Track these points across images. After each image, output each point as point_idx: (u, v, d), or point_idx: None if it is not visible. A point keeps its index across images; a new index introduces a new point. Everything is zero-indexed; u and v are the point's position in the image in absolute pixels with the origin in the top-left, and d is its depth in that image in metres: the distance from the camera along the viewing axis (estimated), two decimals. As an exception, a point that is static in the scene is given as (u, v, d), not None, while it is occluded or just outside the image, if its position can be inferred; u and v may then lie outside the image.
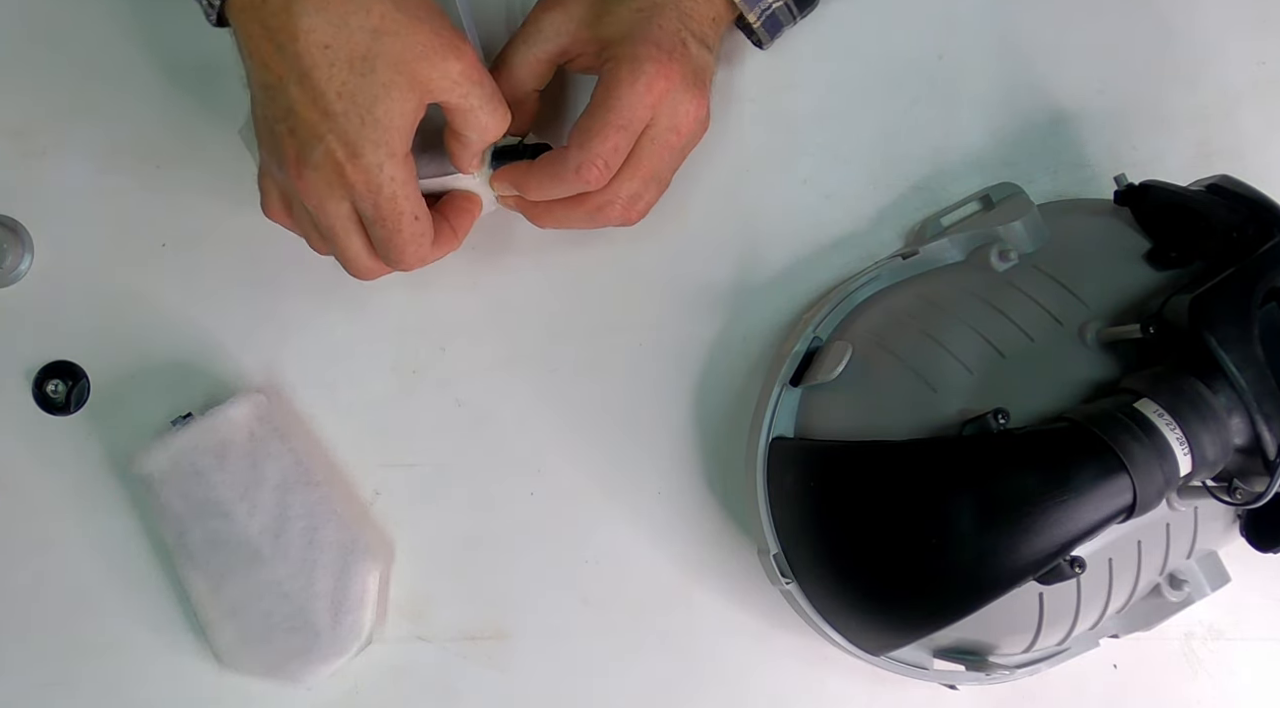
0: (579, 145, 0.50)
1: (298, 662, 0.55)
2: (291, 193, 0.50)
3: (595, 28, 0.52)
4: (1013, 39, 0.61)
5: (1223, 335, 0.46)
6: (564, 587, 0.59)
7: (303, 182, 0.48)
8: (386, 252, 0.50)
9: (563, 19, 0.52)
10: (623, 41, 0.51)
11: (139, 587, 0.58)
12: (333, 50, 0.46)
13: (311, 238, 0.52)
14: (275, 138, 0.48)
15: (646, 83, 0.50)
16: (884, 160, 0.61)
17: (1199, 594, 0.55)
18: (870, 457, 0.50)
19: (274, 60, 0.46)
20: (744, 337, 0.60)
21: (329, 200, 0.48)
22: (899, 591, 0.49)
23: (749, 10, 0.54)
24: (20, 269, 0.59)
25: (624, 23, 0.51)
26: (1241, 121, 0.62)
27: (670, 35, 0.51)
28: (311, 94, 0.46)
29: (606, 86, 0.50)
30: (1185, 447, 0.46)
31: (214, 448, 0.55)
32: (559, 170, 0.51)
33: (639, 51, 0.50)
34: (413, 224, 0.49)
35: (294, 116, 0.47)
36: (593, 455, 0.60)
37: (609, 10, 0.52)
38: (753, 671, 0.59)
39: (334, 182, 0.47)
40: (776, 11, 0.55)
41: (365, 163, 0.47)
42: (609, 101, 0.50)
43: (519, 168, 0.53)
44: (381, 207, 0.48)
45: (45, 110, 0.59)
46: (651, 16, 0.51)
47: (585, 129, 0.50)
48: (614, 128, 0.50)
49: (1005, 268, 0.54)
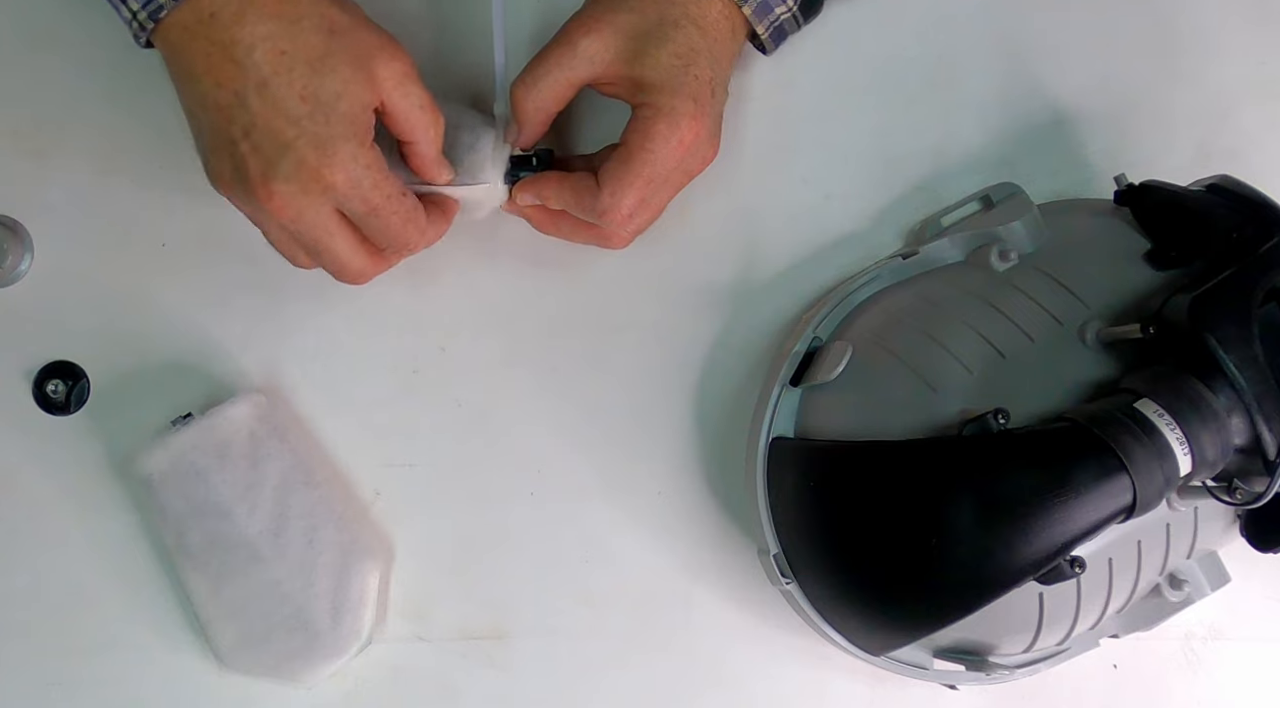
0: (611, 192, 0.51)
1: (298, 662, 0.55)
2: (262, 220, 0.49)
3: (633, 66, 0.51)
4: (1013, 39, 0.61)
5: (1223, 335, 0.46)
6: (564, 587, 0.59)
7: (275, 199, 0.46)
8: (389, 239, 0.50)
9: (600, 47, 0.51)
10: (661, 91, 0.51)
11: (139, 587, 0.58)
12: (290, 55, 0.45)
13: (299, 258, 0.51)
14: (236, 161, 0.46)
15: (679, 138, 0.51)
16: (884, 160, 0.61)
17: (1199, 594, 0.55)
18: (870, 457, 0.50)
19: (229, 75, 0.45)
20: (744, 337, 0.60)
21: (307, 209, 0.47)
22: (899, 590, 0.49)
23: (758, 23, 0.54)
24: (20, 269, 0.59)
25: (663, 69, 0.51)
26: (1241, 121, 0.62)
27: (705, 85, 0.52)
28: (273, 102, 0.45)
29: (643, 138, 0.51)
30: (1185, 447, 0.46)
31: (214, 448, 0.55)
32: (585, 202, 0.52)
33: (677, 105, 0.51)
34: (403, 201, 0.49)
35: (256, 131, 0.46)
36: (593, 455, 0.60)
37: (648, 52, 0.51)
38: (753, 671, 0.59)
39: (310, 187, 0.47)
40: (784, 22, 0.55)
41: (340, 159, 0.46)
42: (644, 155, 0.51)
43: (547, 183, 0.54)
44: (369, 196, 0.48)
45: (45, 110, 0.59)
46: (689, 65, 0.51)
47: (618, 178, 0.51)
48: (645, 181, 0.51)
49: (1005, 268, 0.54)
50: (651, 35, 0.51)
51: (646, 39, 0.51)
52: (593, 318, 0.60)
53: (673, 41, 0.51)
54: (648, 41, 0.51)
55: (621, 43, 0.51)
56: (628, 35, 0.51)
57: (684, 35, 0.51)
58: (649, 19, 0.51)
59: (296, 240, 0.50)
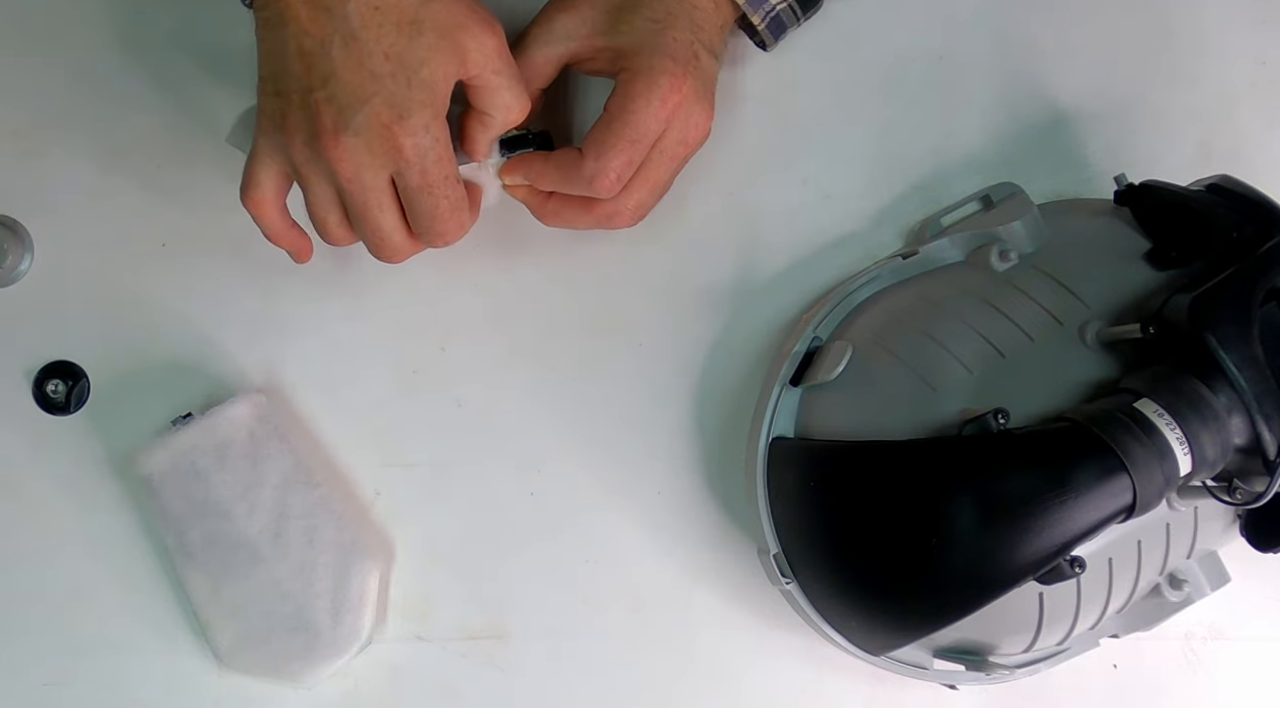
0: (594, 156, 0.51)
1: (298, 662, 0.55)
2: (313, 173, 0.48)
3: (609, 35, 0.52)
4: (1013, 39, 0.61)
5: (1223, 335, 0.46)
6: (564, 587, 0.59)
7: (339, 150, 0.46)
8: (430, 222, 0.49)
9: (576, 22, 0.52)
10: (638, 53, 0.51)
11: (139, 587, 0.58)
12: (382, 12, 0.45)
13: (330, 222, 0.50)
14: (309, 109, 0.46)
15: (661, 97, 0.50)
16: (884, 160, 0.61)
17: (1199, 594, 0.55)
18: (870, 457, 0.50)
19: (317, 24, 0.45)
20: (744, 337, 0.60)
21: (367, 169, 0.47)
22: (899, 591, 0.49)
23: (753, 12, 0.54)
24: (20, 269, 0.59)
25: (639, 33, 0.51)
26: (1241, 121, 0.62)
27: (684, 47, 0.51)
28: (358, 55, 0.45)
29: (622, 99, 0.51)
30: (1185, 447, 0.46)
31: (214, 448, 0.55)
32: (572, 174, 0.51)
33: (654, 64, 0.50)
34: (456, 187, 0.49)
35: (335, 81, 0.46)
36: (593, 455, 0.60)
37: (623, 18, 0.51)
38: (752, 671, 0.59)
39: (376, 147, 0.46)
40: (780, 13, 0.55)
41: (412, 125, 0.46)
42: (624, 115, 0.50)
43: (532, 161, 0.53)
44: (429, 171, 0.47)
45: (45, 110, 0.59)
46: (666, 28, 0.51)
47: (600, 141, 0.51)
48: (628, 141, 0.51)
49: (1005, 268, 0.54)
50: (626, 5, 0.51)
51: (621, 9, 0.52)
52: (593, 318, 0.60)
53: (647, 7, 0.51)
54: (622, 10, 0.52)
55: (597, 15, 0.52)
56: (603, 9, 0.52)
57: (660, 2, 0.51)
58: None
59: (343, 202, 0.49)
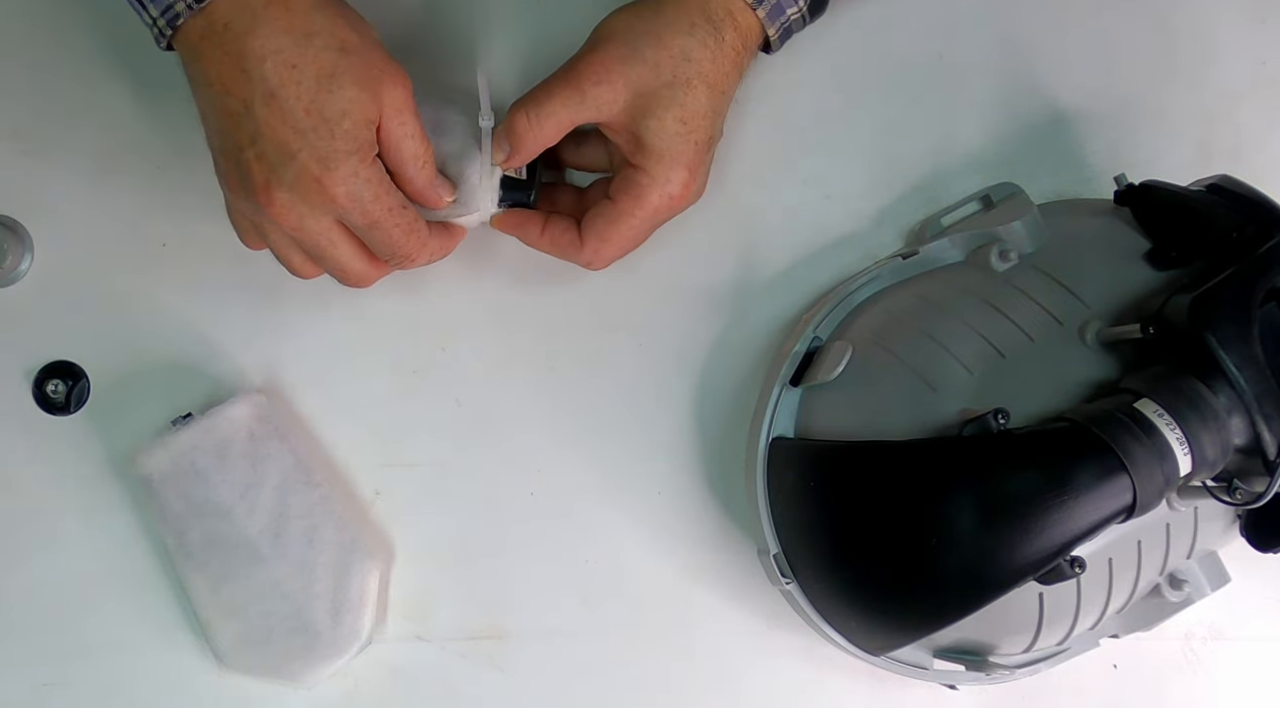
0: (594, 248, 0.53)
1: (298, 662, 0.55)
2: (264, 223, 0.49)
3: (637, 123, 0.51)
4: (1013, 39, 0.61)
5: (1223, 335, 0.46)
6: (564, 587, 0.59)
7: (275, 205, 0.47)
8: (390, 250, 0.50)
9: (609, 99, 0.51)
10: (659, 159, 0.51)
11: (139, 587, 0.58)
12: (299, 69, 0.46)
13: (295, 262, 0.51)
14: (242, 167, 0.47)
15: (670, 205, 0.53)
16: (884, 160, 0.61)
17: (1199, 594, 0.55)
18: (870, 457, 0.50)
19: (238, 84, 0.46)
20: (744, 337, 0.60)
21: (308, 217, 0.48)
22: (899, 591, 0.49)
23: (770, 25, 0.53)
24: (20, 269, 0.59)
25: (666, 136, 0.51)
26: (1241, 121, 0.62)
27: (703, 149, 0.52)
28: (280, 113, 0.46)
29: (634, 202, 0.52)
30: (1185, 447, 0.46)
31: (214, 448, 0.55)
32: (567, 252, 0.54)
33: (673, 176, 0.52)
34: (404, 214, 0.50)
35: (262, 139, 0.46)
36: (593, 455, 0.60)
37: (654, 112, 0.51)
38: (752, 671, 0.59)
39: (311, 197, 0.47)
40: (792, 23, 0.54)
41: (341, 174, 0.47)
42: (632, 219, 0.53)
43: (527, 227, 0.55)
44: (370, 210, 0.48)
45: (45, 110, 0.59)
46: (691, 132, 0.52)
47: (602, 235, 0.53)
48: (629, 240, 0.54)
49: (1005, 268, 0.54)
50: (660, 96, 0.51)
51: (655, 99, 0.51)
52: (592, 318, 0.60)
53: (680, 106, 0.51)
54: (656, 102, 0.51)
55: (630, 97, 0.51)
56: (637, 91, 0.51)
57: (692, 98, 0.51)
58: (662, 76, 0.51)
59: (298, 246, 0.50)
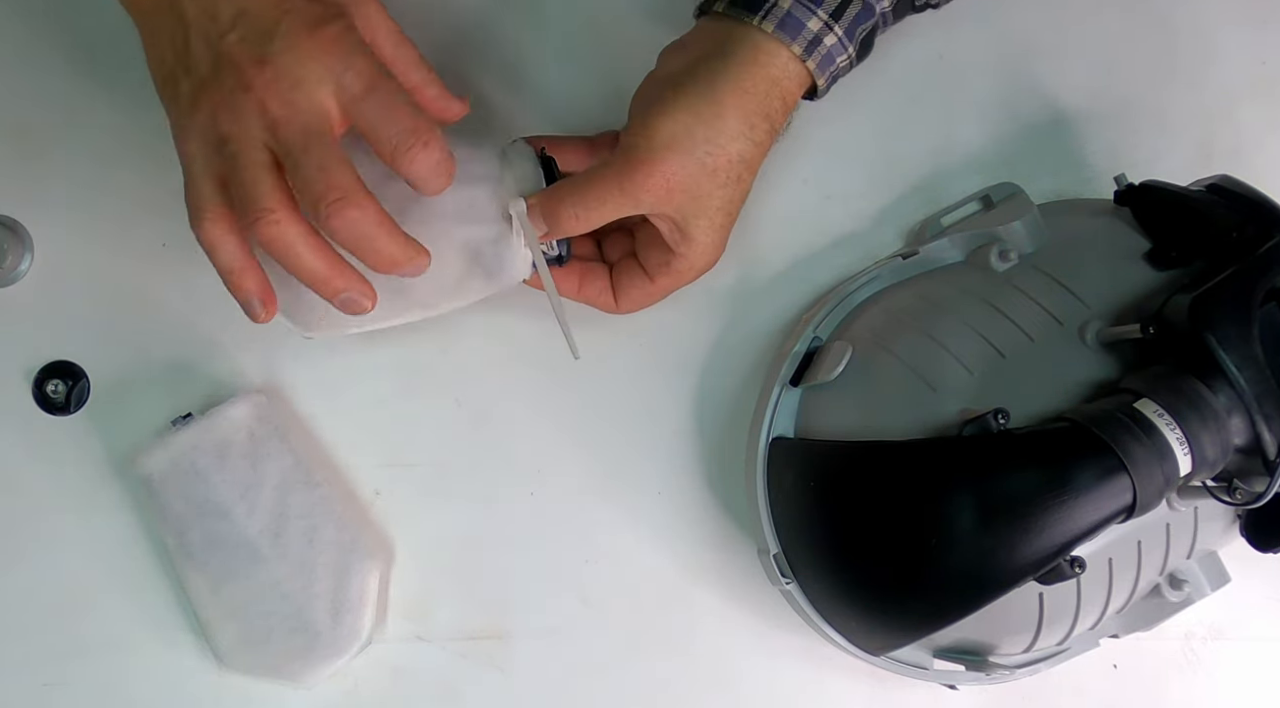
0: (625, 309, 0.55)
1: (298, 662, 0.55)
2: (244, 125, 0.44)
3: (685, 219, 0.50)
4: (1013, 39, 0.61)
5: (1223, 335, 0.46)
6: (564, 587, 0.59)
7: (265, 76, 0.43)
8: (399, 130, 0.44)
9: (658, 203, 0.49)
10: (704, 252, 0.52)
11: (139, 587, 0.58)
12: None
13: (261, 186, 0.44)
14: (221, 60, 0.44)
15: (706, 268, 0.53)
16: (884, 160, 0.61)
17: (1199, 594, 0.55)
18: (870, 457, 0.50)
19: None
20: (744, 337, 0.60)
21: (299, 88, 0.43)
22: (899, 590, 0.49)
23: (820, 76, 0.51)
24: (20, 269, 0.59)
25: (709, 230, 0.51)
26: (1241, 121, 0.62)
27: (734, 221, 0.52)
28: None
29: (674, 279, 0.53)
30: (1185, 447, 0.46)
31: (214, 448, 0.55)
32: (597, 307, 0.56)
33: (712, 259, 0.53)
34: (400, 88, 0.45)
35: (244, 16, 0.44)
36: (593, 455, 0.60)
37: (703, 211, 0.50)
38: (753, 671, 0.59)
39: (305, 59, 0.43)
40: (840, 70, 0.53)
41: (332, 30, 0.44)
42: (662, 291, 0.54)
43: (562, 283, 0.54)
44: (364, 69, 0.44)
45: (45, 110, 0.59)
46: (731, 217, 0.52)
47: (636, 301, 0.55)
48: (659, 298, 0.55)
49: (1005, 268, 0.54)
50: (712, 197, 0.50)
51: (707, 199, 0.50)
52: (592, 319, 0.60)
53: (729, 201, 0.51)
54: (708, 202, 0.50)
55: (681, 201, 0.50)
56: (692, 194, 0.50)
57: (740, 191, 0.51)
58: (717, 180, 0.50)
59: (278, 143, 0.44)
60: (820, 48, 0.50)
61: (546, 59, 0.60)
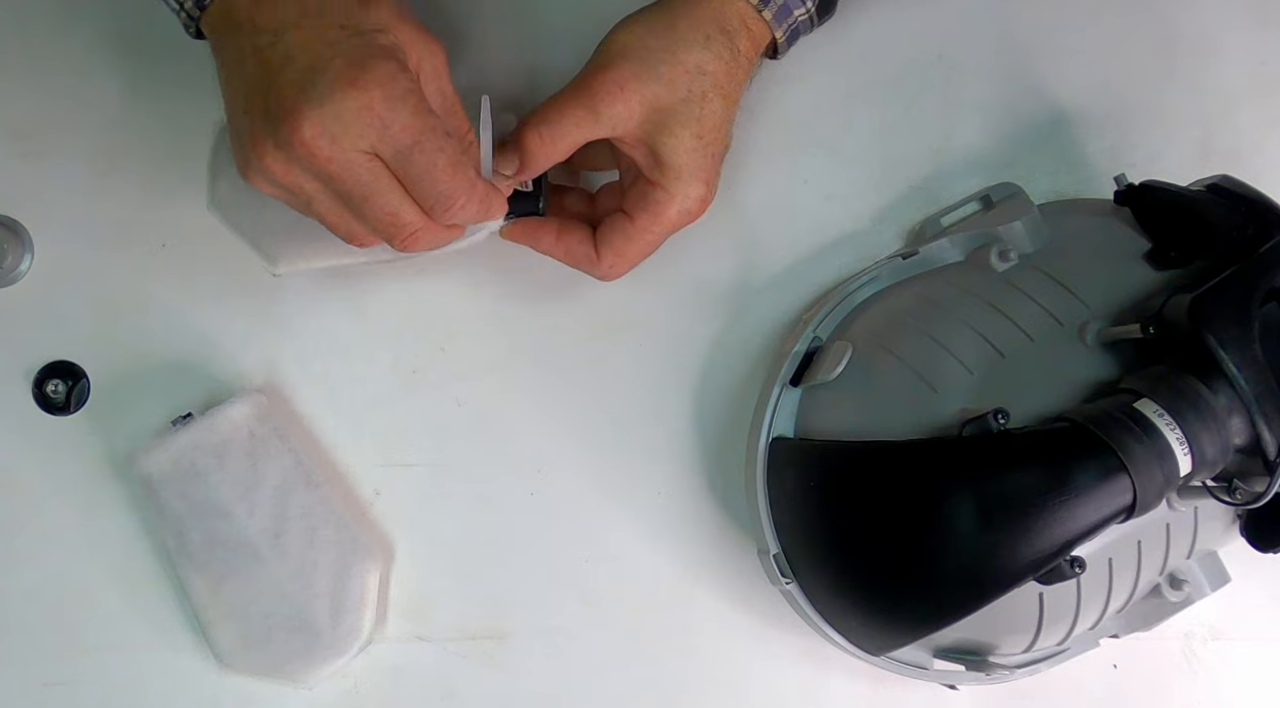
0: (610, 263, 0.53)
1: (298, 662, 0.55)
2: (297, 169, 0.45)
3: (654, 141, 0.50)
4: (1013, 39, 0.61)
5: (1223, 335, 0.46)
6: (564, 587, 0.59)
7: (309, 128, 0.43)
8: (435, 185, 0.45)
9: (624, 117, 0.50)
10: (679, 176, 0.51)
11: (139, 587, 0.58)
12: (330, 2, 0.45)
13: (340, 224, 0.47)
14: (270, 101, 0.44)
15: (688, 217, 0.52)
16: (884, 160, 0.61)
17: (1199, 594, 0.55)
18: (870, 457, 0.50)
19: (266, 15, 0.44)
20: (744, 337, 0.60)
21: (343, 138, 0.43)
22: (899, 591, 0.49)
23: (777, 28, 0.52)
24: (20, 269, 0.59)
25: (684, 151, 0.50)
26: (1241, 121, 0.62)
27: (718, 160, 0.52)
28: (313, 30, 0.44)
29: (652, 218, 0.52)
30: (1185, 447, 0.46)
31: (214, 448, 0.55)
32: (583, 264, 0.54)
33: (691, 191, 0.51)
34: (447, 140, 0.45)
35: (290, 62, 0.44)
36: (593, 455, 0.60)
37: (671, 130, 0.50)
38: (753, 671, 0.59)
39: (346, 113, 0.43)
40: (799, 24, 0.53)
41: (378, 74, 0.43)
42: (649, 235, 0.52)
43: (540, 236, 0.54)
44: (410, 124, 0.44)
45: (45, 110, 0.59)
46: (708, 145, 0.51)
47: (619, 252, 0.53)
48: (645, 252, 0.53)
49: (1005, 268, 0.54)
50: (676, 112, 0.50)
51: (671, 115, 0.50)
52: (592, 318, 0.60)
53: (697, 121, 0.50)
54: (672, 118, 0.50)
55: (646, 114, 0.50)
56: (653, 108, 0.50)
57: (709, 111, 0.51)
58: (677, 92, 0.50)
59: (338, 194, 0.46)
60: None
61: (540, 45, 0.60)
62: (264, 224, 0.54)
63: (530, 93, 0.59)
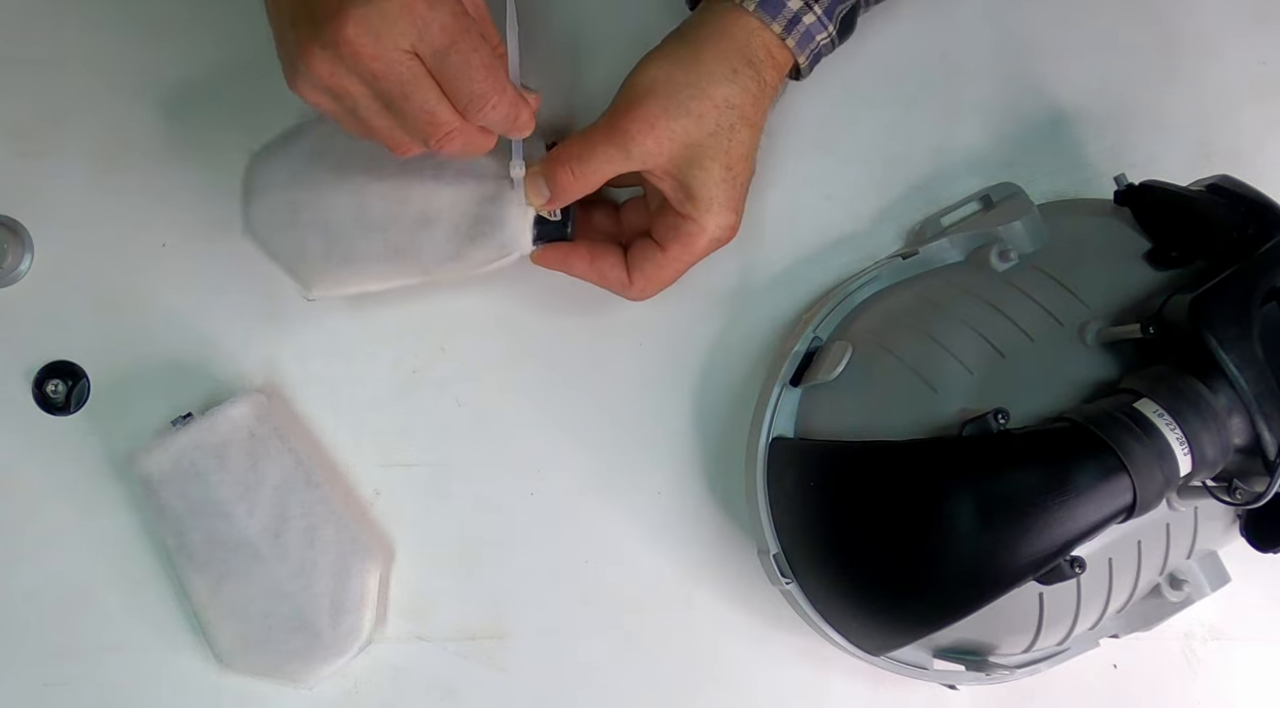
0: (641, 288, 0.54)
1: (298, 662, 0.55)
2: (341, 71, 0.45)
3: (684, 174, 0.51)
4: (1013, 39, 0.61)
5: (1223, 335, 0.46)
6: (564, 587, 0.59)
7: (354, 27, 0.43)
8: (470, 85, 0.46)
9: (654, 152, 0.50)
10: (709, 209, 0.52)
11: (139, 587, 0.58)
12: None
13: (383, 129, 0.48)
14: (313, 9, 0.44)
15: (717, 245, 0.53)
16: (884, 160, 0.61)
17: (1199, 594, 0.55)
18: (870, 457, 0.50)
19: None
20: (744, 337, 0.60)
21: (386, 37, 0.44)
22: (899, 590, 0.49)
23: (800, 53, 0.52)
24: (20, 269, 0.59)
25: (714, 184, 0.51)
26: (1241, 121, 0.62)
27: (745, 187, 0.53)
28: None
29: (684, 248, 0.53)
30: (1185, 447, 0.46)
31: (214, 448, 0.55)
32: (612, 286, 0.55)
33: (723, 221, 0.52)
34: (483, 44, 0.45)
35: None
36: (593, 455, 0.60)
37: (701, 164, 0.51)
38: (753, 671, 0.59)
39: (389, 9, 0.44)
40: (822, 48, 0.53)
41: None
42: (680, 264, 0.53)
43: (572, 261, 0.55)
44: (450, 25, 0.44)
45: (45, 110, 0.59)
46: (737, 176, 0.52)
47: (651, 278, 0.54)
48: (677, 276, 0.54)
49: (1005, 268, 0.54)
50: (705, 147, 0.50)
51: (700, 150, 0.50)
52: (592, 318, 0.60)
53: (725, 152, 0.51)
54: (701, 152, 0.51)
55: (676, 150, 0.50)
56: (683, 143, 0.50)
57: (737, 142, 0.51)
58: (705, 127, 0.50)
59: (379, 94, 0.46)
60: (799, 26, 0.51)
61: (550, 61, 0.60)
62: (299, 249, 0.54)
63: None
